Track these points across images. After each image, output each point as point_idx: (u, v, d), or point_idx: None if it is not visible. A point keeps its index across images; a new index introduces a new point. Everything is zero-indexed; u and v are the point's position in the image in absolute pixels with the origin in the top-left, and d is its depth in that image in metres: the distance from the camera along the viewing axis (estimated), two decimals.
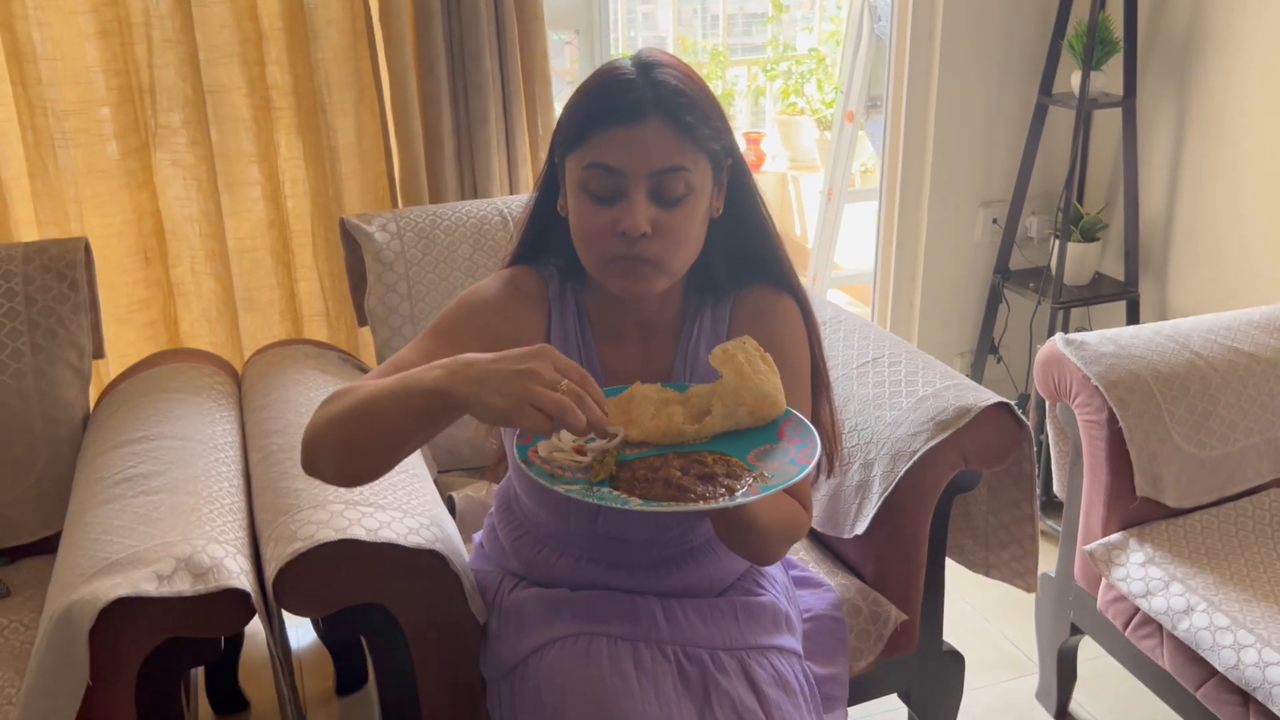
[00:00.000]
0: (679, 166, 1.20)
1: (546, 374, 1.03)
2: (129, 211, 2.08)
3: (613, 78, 1.21)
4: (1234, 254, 2.44)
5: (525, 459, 1.13)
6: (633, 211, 1.19)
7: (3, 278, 1.70)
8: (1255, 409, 1.81)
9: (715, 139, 1.23)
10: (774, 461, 1.15)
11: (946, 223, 2.79)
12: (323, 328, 2.26)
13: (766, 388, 1.19)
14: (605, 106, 1.20)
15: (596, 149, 1.20)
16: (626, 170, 1.19)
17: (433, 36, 2.08)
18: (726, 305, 1.37)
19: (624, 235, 1.20)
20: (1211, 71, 2.43)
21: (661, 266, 1.23)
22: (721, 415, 1.19)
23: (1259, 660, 1.49)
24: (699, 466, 1.13)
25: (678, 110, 1.19)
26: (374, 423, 1.09)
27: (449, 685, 1.40)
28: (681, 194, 1.21)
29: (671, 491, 1.09)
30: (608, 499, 1.08)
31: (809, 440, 1.17)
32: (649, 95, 1.19)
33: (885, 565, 1.64)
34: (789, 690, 1.34)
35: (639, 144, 1.18)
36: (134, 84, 2.03)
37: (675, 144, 1.19)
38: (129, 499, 1.42)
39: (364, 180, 2.17)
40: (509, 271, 1.36)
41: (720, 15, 5.39)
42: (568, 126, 1.23)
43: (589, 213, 1.22)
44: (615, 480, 1.12)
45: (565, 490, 1.08)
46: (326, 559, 1.29)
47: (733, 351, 1.19)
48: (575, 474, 1.12)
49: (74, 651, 1.20)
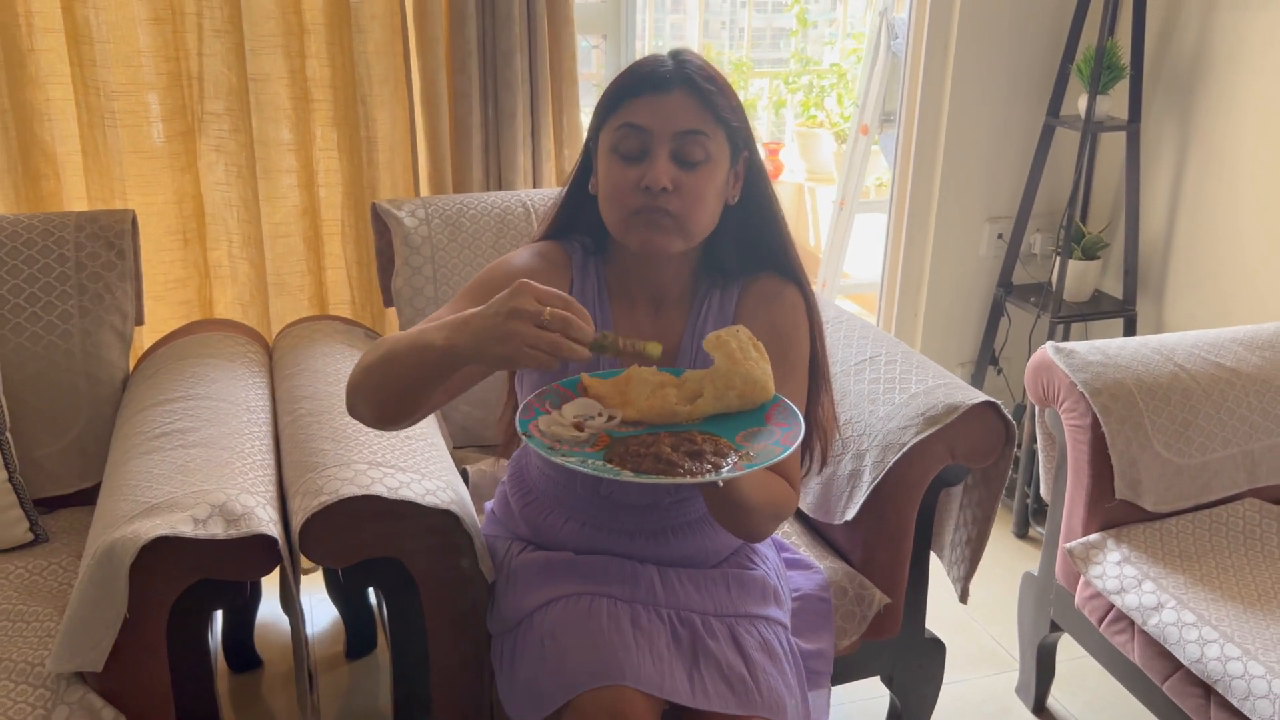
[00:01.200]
0: (699, 130, 1.35)
1: (529, 308, 1.13)
2: (170, 193, 2.19)
3: (647, 60, 1.39)
4: (1230, 276, 2.53)
5: (526, 432, 1.22)
6: (656, 167, 1.33)
7: (55, 244, 1.81)
8: (1234, 422, 1.89)
9: (734, 119, 1.37)
10: (760, 442, 1.24)
11: (953, 236, 2.88)
12: (347, 314, 2.35)
13: (756, 373, 1.27)
14: (638, 79, 1.37)
15: (627, 112, 1.36)
16: (653, 130, 1.34)
17: (466, 36, 2.18)
18: (735, 290, 1.48)
19: (647, 190, 1.33)
20: (1214, 100, 2.52)
21: (680, 222, 1.36)
22: (713, 398, 1.28)
23: (1221, 655, 1.58)
24: (689, 444, 1.22)
25: (701, 85, 1.35)
26: (397, 373, 1.23)
27: (457, 638, 1.50)
28: (700, 159, 1.35)
29: (661, 466, 1.18)
30: (601, 470, 1.17)
31: (794, 424, 1.25)
32: (677, 71, 1.36)
33: (872, 551, 1.73)
34: (774, 657, 1.43)
35: (665, 107, 1.34)
36: (182, 70, 2.14)
37: (697, 112, 1.35)
38: (167, 451, 1.53)
39: (395, 171, 2.27)
40: (541, 244, 1.50)
41: (746, 28, 5.49)
42: (604, 101, 1.39)
43: (617, 170, 1.36)
44: (610, 454, 1.21)
45: (563, 461, 1.18)
46: (349, 513, 1.39)
47: (725, 338, 1.28)
48: (573, 447, 1.22)
49: (115, 585, 1.30)
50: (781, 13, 5.49)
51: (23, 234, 1.81)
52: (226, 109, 2.17)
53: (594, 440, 1.24)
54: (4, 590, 1.58)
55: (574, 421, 1.25)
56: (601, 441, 1.23)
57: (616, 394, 1.30)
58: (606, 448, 1.22)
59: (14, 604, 1.54)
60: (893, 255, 2.94)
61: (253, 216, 2.24)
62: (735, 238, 1.46)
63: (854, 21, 5.28)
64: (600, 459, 1.20)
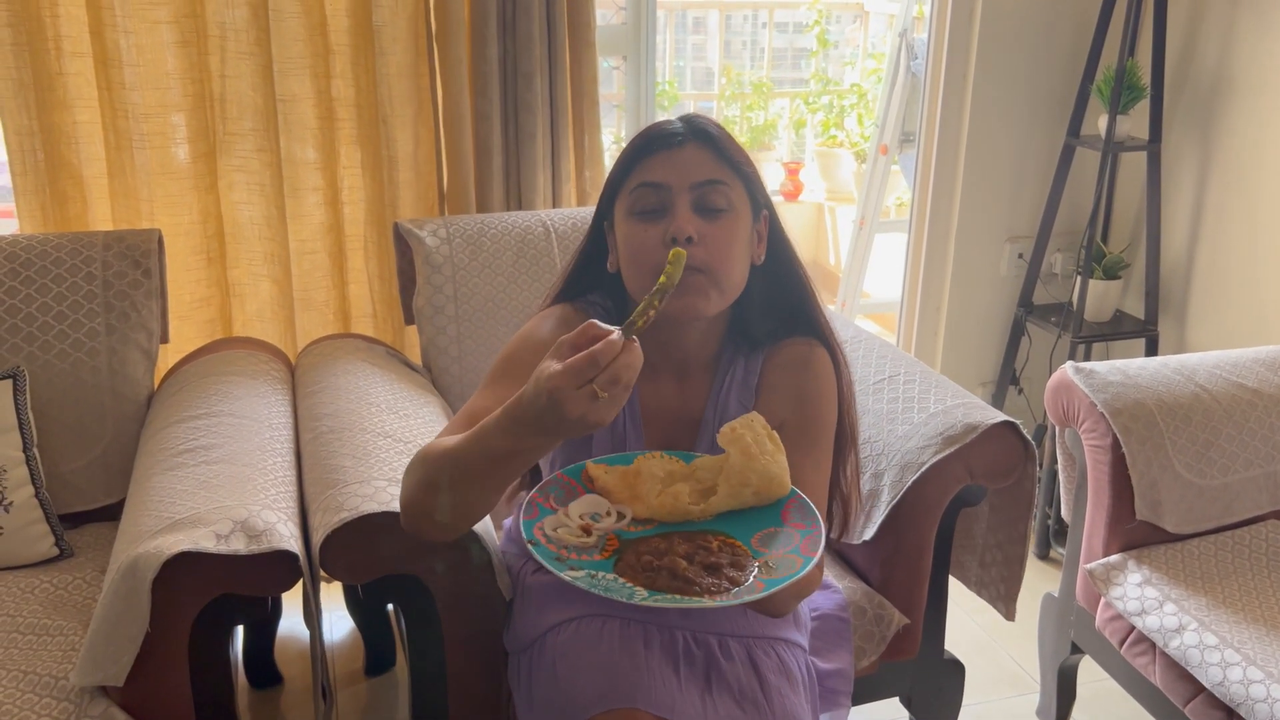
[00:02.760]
0: (718, 179, 1.33)
1: (570, 383, 1.07)
2: (195, 213, 2.22)
3: (654, 125, 1.38)
4: (1252, 296, 2.51)
5: (531, 538, 1.19)
6: (679, 217, 1.31)
7: (83, 263, 1.84)
8: (1256, 443, 1.88)
9: (750, 170, 1.37)
10: (778, 548, 1.19)
11: (973, 256, 2.88)
12: (369, 329, 2.38)
13: (773, 469, 1.22)
14: (648, 140, 1.35)
15: (642, 172, 1.34)
16: (671, 184, 1.32)
17: (488, 57, 2.21)
18: (760, 358, 1.45)
19: (673, 242, 1.30)
20: (1235, 120, 2.51)
21: (712, 276, 1.32)
22: (727, 495, 1.24)
23: (1243, 678, 1.56)
24: (704, 554, 1.18)
25: (713, 136, 1.35)
26: (473, 489, 1.20)
27: (474, 655, 1.50)
28: (723, 207, 1.33)
29: (677, 584, 1.14)
30: (613, 589, 1.12)
31: (813, 526, 1.20)
32: (687, 127, 1.35)
33: (891, 571, 1.72)
34: (792, 679, 1.42)
35: (680, 161, 1.33)
36: (206, 92, 2.16)
37: (713, 162, 1.34)
38: (190, 468, 1.55)
39: (417, 190, 2.30)
40: (558, 309, 1.46)
41: (767, 49, 5.52)
42: (615, 172, 1.38)
43: (639, 231, 1.34)
44: (620, 562, 1.17)
45: (571, 578, 1.12)
46: (369, 529, 1.40)
47: (740, 431, 1.22)
48: (580, 555, 1.17)
49: (138, 599, 1.32)
50: (802, 33, 5.52)
51: (51, 253, 1.84)
52: (251, 129, 2.19)
53: (603, 544, 1.19)
54: (30, 604, 1.60)
55: (582, 524, 1.21)
56: (611, 544, 1.19)
57: (624, 488, 1.26)
58: (616, 552, 1.18)
59: (39, 618, 1.56)
60: (913, 275, 2.94)
61: (277, 234, 2.26)
62: (761, 301, 1.43)
63: (874, 42, 5.29)
64: (610, 569, 1.15)
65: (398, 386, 1.82)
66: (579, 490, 1.28)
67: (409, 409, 1.73)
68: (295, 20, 2.13)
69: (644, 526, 1.23)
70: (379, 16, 2.14)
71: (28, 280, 1.82)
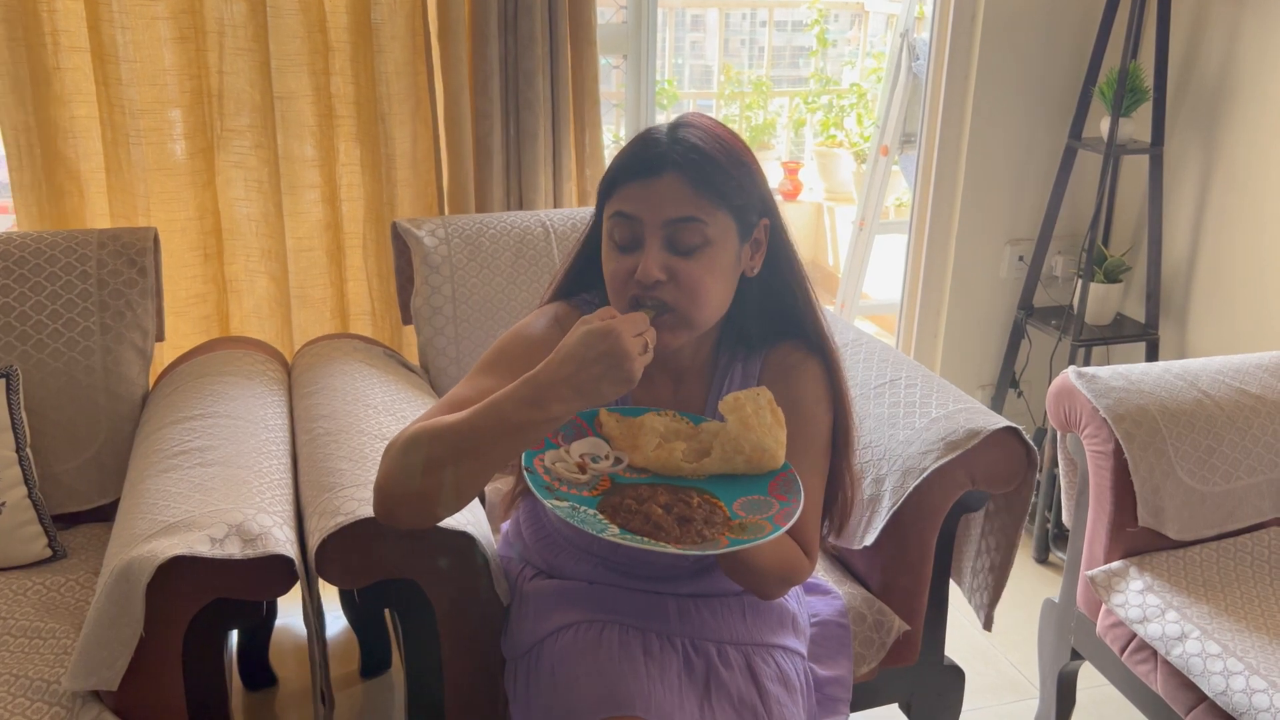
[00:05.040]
0: (692, 217, 1.27)
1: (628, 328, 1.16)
2: (192, 209, 2.20)
3: (644, 137, 1.32)
4: (1254, 300, 2.50)
5: (529, 465, 1.20)
6: (647, 258, 1.27)
7: (78, 261, 1.82)
8: (1259, 449, 1.87)
9: (739, 195, 1.30)
10: (757, 514, 1.21)
11: (974, 258, 2.87)
12: (368, 327, 2.37)
13: (766, 441, 1.24)
14: (630, 162, 1.30)
15: (619, 200, 1.30)
16: (643, 219, 1.28)
17: (488, 56, 2.19)
18: (758, 362, 1.44)
19: (639, 284, 1.28)
20: (1238, 123, 2.50)
21: (681, 315, 1.29)
22: (719, 459, 1.26)
23: (1246, 687, 1.55)
24: (682, 506, 1.20)
25: (693, 166, 1.27)
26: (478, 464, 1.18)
27: (472, 661, 1.49)
28: (697, 244, 1.28)
29: (648, 528, 1.16)
30: (588, 522, 1.15)
31: (793, 500, 1.22)
32: (670, 153, 1.28)
33: (891, 577, 1.71)
34: (790, 688, 1.42)
35: (654, 195, 1.27)
36: (204, 88, 2.15)
37: (690, 197, 1.27)
38: (185, 469, 1.53)
39: (415, 188, 2.28)
40: (553, 308, 1.44)
41: (766, 47, 5.51)
42: (605, 179, 1.34)
43: (613, 259, 1.32)
44: (603, 504, 1.19)
45: (553, 507, 1.16)
46: (365, 533, 1.38)
47: (743, 401, 1.25)
48: (571, 490, 1.20)
49: (131, 604, 1.30)
50: (802, 32, 5.51)
51: (45, 251, 1.83)
52: (249, 125, 2.18)
53: (595, 483, 1.21)
54: (22, 606, 1.58)
55: (579, 461, 1.23)
56: (603, 485, 1.21)
57: (628, 437, 1.28)
58: (605, 493, 1.20)
59: (31, 620, 1.55)
60: (912, 276, 2.93)
61: (274, 231, 2.25)
62: (758, 307, 1.40)
63: (874, 41, 5.28)
64: (593, 507, 1.18)
65: (395, 388, 1.80)
66: (587, 432, 1.30)
67: (407, 411, 1.71)
68: (293, 17, 2.11)
69: (639, 475, 1.26)
70: (377, 14, 2.13)
71: (21, 278, 1.80)
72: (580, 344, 1.15)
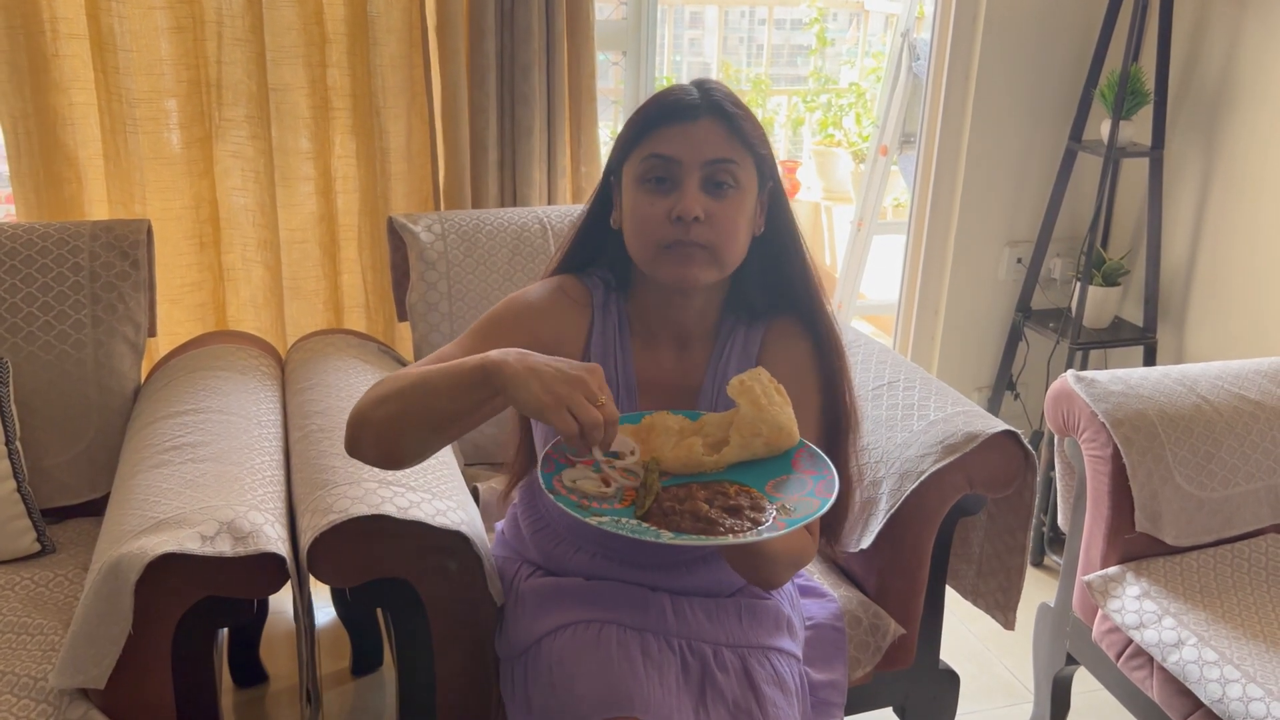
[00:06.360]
0: (729, 159, 1.32)
1: (589, 391, 1.13)
2: (188, 198, 2.19)
3: (671, 90, 1.36)
4: (1252, 306, 2.50)
5: (552, 488, 1.17)
6: (687, 196, 1.30)
7: (70, 253, 1.81)
8: (1257, 455, 1.86)
9: (762, 145, 1.35)
10: (793, 493, 1.20)
11: (972, 259, 2.86)
12: (362, 319, 2.36)
13: (781, 419, 1.24)
14: (664, 110, 1.33)
15: (655, 143, 1.32)
16: (682, 159, 1.31)
17: (485, 50, 2.18)
18: (760, 330, 1.44)
19: (679, 220, 1.30)
20: (1238, 127, 2.49)
21: (714, 253, 1.33)
22: (739, 446, 1.25)
23: (1243, 695, 1.54)
24: (723, 498, 1.19)
25: (728, 113, 1.33)
26: (423, 398, 1.19)
27: (465, 661, 1.48)
28: (731, 184, 1.32)
29: (700, 525, 1.14)
30: (639, 531, 1.13)
31: (825, 471, 1.22)
32: (704, 99, 1.33)
33: (887, 580, 1.70)
34: (785, 690, 1.41)
35: (694, 137, 1.31)
36: (201, 78, 2.13)
37: (725, 139, 1.32)
38: (177, 465, 1.51)
39: (410, 182, 2.26)
40: (557, 278, 1.45)
41: (765, 45, 5.49)
42: (628, 132, 1.36)
43: (646, 202, 1.33)
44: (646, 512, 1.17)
45: (597, 523, 1.13)
46: (358, 532, 1.37)
47: (749, 383, 1.24)
48: (602, 503, 1.18)
49: (120, 601, 1.29)
50: (801, 30, 5.49)
51: (37, 242, 1.81)
52: (246, 116, 2.16)
53: (621, 495, 1.20)
54: (9, 602, 1.57)
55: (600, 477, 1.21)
56: (629, 496, 1.20)
57: (640, 442, 1.26)
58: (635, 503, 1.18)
59: (19, 616, 1.53)
60: (910, 277, 2.92)
61: (269, 222, 2.23)
62: (760, 270, 1.42)
63: (873, 40, 5.27)
64: (633, 516, 1.16)
65: None
66: None
67: None
68: (290, 8, 2.09)
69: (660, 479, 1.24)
70: (374, 6, 2.11)
71: (13, 270, 1.78)
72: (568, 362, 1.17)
